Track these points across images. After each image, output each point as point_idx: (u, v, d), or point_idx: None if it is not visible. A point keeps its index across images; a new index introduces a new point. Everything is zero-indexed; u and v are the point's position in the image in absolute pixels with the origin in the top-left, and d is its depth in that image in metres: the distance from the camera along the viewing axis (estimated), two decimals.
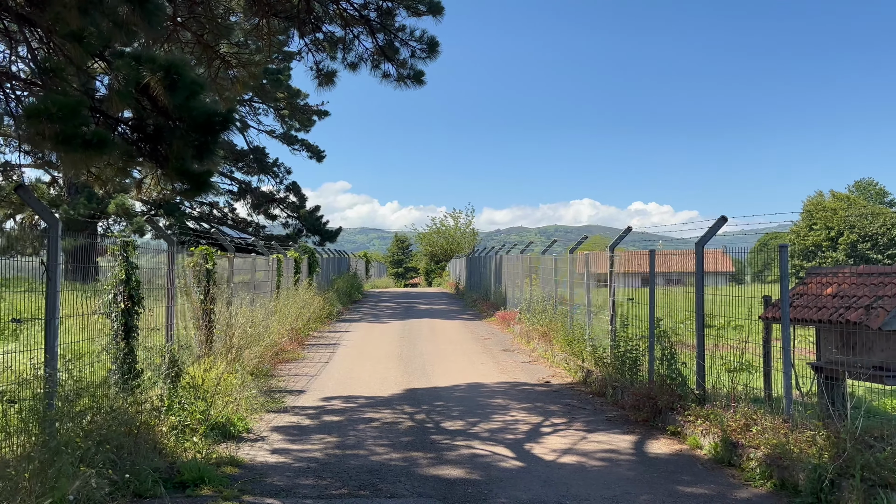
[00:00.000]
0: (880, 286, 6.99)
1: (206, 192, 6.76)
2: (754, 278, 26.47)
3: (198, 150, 6.18)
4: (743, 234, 9.65)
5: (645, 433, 8.09)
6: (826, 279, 7.82)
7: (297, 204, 33.43)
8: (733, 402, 7.42)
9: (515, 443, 7.70)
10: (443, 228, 61.14)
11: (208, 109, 6.05)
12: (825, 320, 7.11)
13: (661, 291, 12.18)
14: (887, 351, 6.92)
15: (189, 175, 6.46)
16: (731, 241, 9.52)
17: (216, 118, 6.03)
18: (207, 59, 10.39)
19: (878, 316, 6.59)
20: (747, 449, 6.69)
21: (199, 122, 5.99)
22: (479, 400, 10.00)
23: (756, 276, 27.51)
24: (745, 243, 10.15)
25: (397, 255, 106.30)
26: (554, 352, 13.54)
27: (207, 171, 6.62)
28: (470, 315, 24.07)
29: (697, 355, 8.35)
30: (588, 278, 12.90)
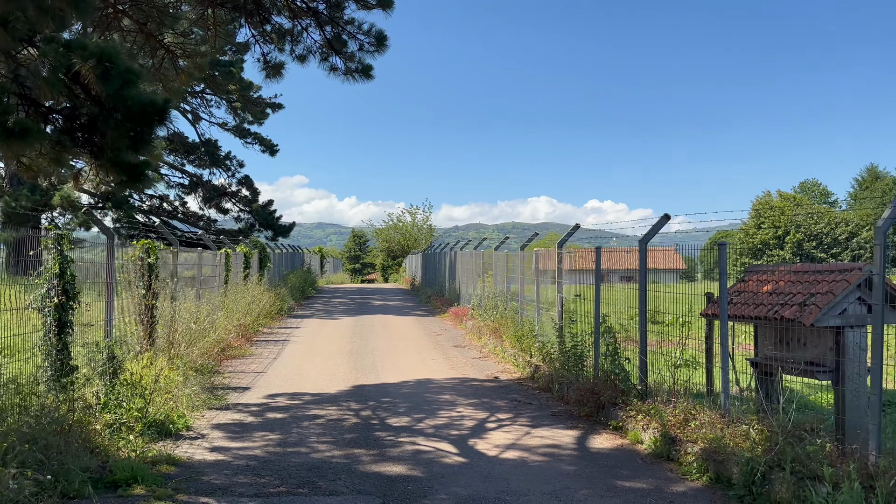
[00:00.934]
0: (814, 284, 7.17)
1: (143, 183, 6.59)
2: (705, 276, 26.99)
3: (133, 140, 6.02)
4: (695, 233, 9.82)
5: (588, 428, 8.17)
6: (764, 277, 7.99)
7: (249, 198, 32.93)
8: (674, 397, 7.54)
9: (460, 439, 7.70)
10: (400, 224, 60.97)
11: (144, 99, 5.89)
12: (762, 317, 7.26)
13: (609, 288, 12.33)
14: (819, 347, 7.10)
15: (125, 166, 6.28)
16: (683, 238, 9.64)
17: (152, 108, 5.87)
18: (151, 49, 10.13)
19: (810, 313, 6.74)
20: (685, 443, 6.80)
21: (133, 112, 5.82)
22: (427, 396, 9.98)
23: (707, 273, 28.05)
24: (698, 241, 10.33)
25: (354, 251, 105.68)
26: (504, 348, 13.60)
27: (145, 163, 6.45)
28: (424, 311, 24.04)
29: (640, 351, 8.47)
30: (538, 275, 12.98)
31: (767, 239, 60.33)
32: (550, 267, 12.66)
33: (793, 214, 58.26)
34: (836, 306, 6.77)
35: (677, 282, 22.79)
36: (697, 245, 10.06)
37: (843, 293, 6.77)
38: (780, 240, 59.38)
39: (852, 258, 56.48)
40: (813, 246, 57.48)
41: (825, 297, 6.85)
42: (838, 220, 58.05)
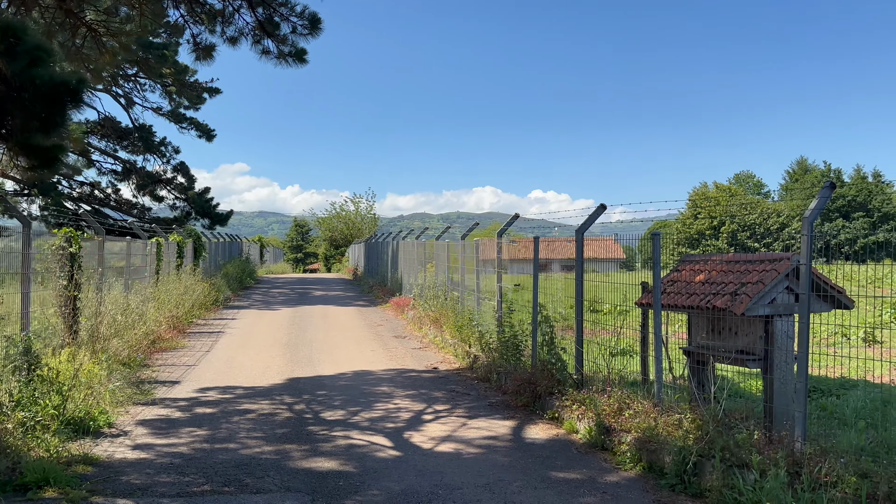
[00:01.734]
0: (745, 273, 7.26)
1: (56, 168, 6.21)
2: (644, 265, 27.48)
3: (44, 123, 5.65)
4: (635, 223, 9.91)
5: (524, 418, 8.13)
6: (698, 266, 8.07)
7: (185, 185, 31.97)
8: (608, 386, 7.55)
9: (395, 432, 7.56)
10: (343, 213, 60.31)
11: (55, 79, 5.52)
12: (695, 306, 7.33)
13: (548, 277, 12.35)
14: (750, 335, 7.20)
15: (37, 150, 5.91)
16: (623, 229, 9.70)
17: (64, 88, 5.52)
18: (72, 27, 9.62)
19: (741, 302, 6.83)
20: (619, 433, 6.82)
21: (43, 92, 5.46)
22: (364, 388, 9.81)
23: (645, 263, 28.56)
24: (637, 231, 10.41)
25: (296, 241, 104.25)
26: (444, 338, 13.51)
27: (58, 147, 6.08)
28: (365, 301, 23.79)
29: (576, 341, 8.47)
30: (478, 264, 12.91)
31: (703, 229, 61.88)
32: (492, 256, 12.61)
33: (728, 205, 59.91)
34: (766, 295, 6.87)
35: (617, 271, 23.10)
36: (637, 235, 10.13)
37: (772, 283, 6.86)
38: (716, 230, 60.98)
39: (784, 248, 58.43)
40: (747, 236, 59.22)
41: (755, 287, 6.94)
42: (770, 210, 59.94)
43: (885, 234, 55.35)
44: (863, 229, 55.73)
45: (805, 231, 5.79)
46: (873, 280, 26.74)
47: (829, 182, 5.91)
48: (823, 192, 5.90)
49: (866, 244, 54.37)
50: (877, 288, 26.67)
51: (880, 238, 55.02)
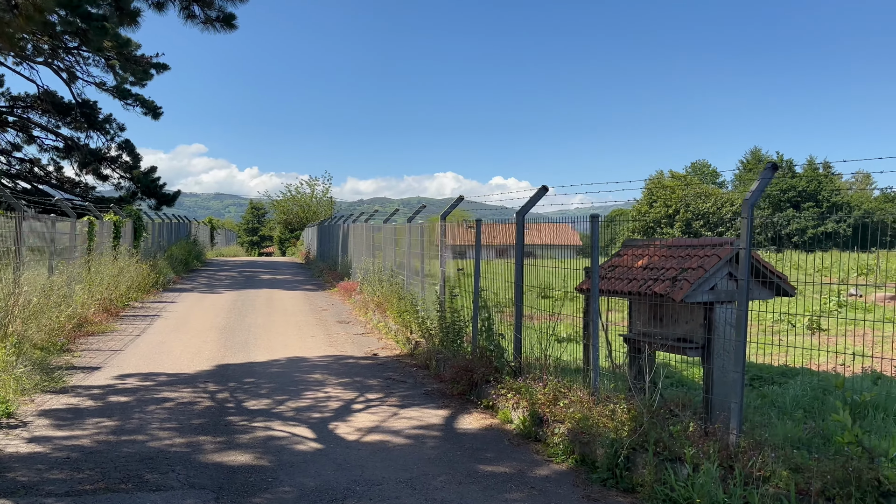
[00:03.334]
0: (686, 258, 7.00)
1: None
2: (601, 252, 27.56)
3: None
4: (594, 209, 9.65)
5: (459, 407, 7.80)
6: (639, 251, 7.80)
7: (130, 164, 30.84)
8: (545, 374, 7.26)
9: (320, 422, 7.15)
10: (298, 196, 59.30)
11: None
12: (635, 292, 7.05)
13: (495, 262, 12.02)
14: (691, 323, 6.96)
15: None
16: (582, 214, 9.47)
17: None
18: None
19: (681, 288, 6.56)
20: (553, 423, 6.52)
21: None
22: (296, 375, 9.36)
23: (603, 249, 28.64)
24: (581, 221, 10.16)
25: (252, 223, 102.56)
26: (388, 323, 13.11)
27: None
28: (314, 285, 23.24)
29: (515, 328, 8.15)
30: (423, 248, 12.52)
31: (659, 217, 62.47)
32: (448, 241, 12.23)
33: (683, 194, 60.57)
34: (707, 281, 6.62)
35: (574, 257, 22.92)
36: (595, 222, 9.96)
37: (713, 268, 6.61)
38: (671, 218, 61.61)
39: (737, 236, 59.41)
40: (700, 224, 59.95)
41: (696, 273, 6.68)
42: (724, 199, 60.76)
43: (834, 225, 56.57)
44: (812, 219, 56.86)
45: (745, 214, 5.52)
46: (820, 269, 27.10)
47: (771, 163, 5.65)
48: (765, 174, 5.65)
49: (815, 234, 55.53)
50: (823, 277, 27.09)
51: (829, 228, 56.22)
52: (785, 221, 60.00)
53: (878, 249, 32.28)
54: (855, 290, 22.06)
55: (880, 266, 27.97)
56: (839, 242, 50.37)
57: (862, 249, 27.79)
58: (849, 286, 23.14)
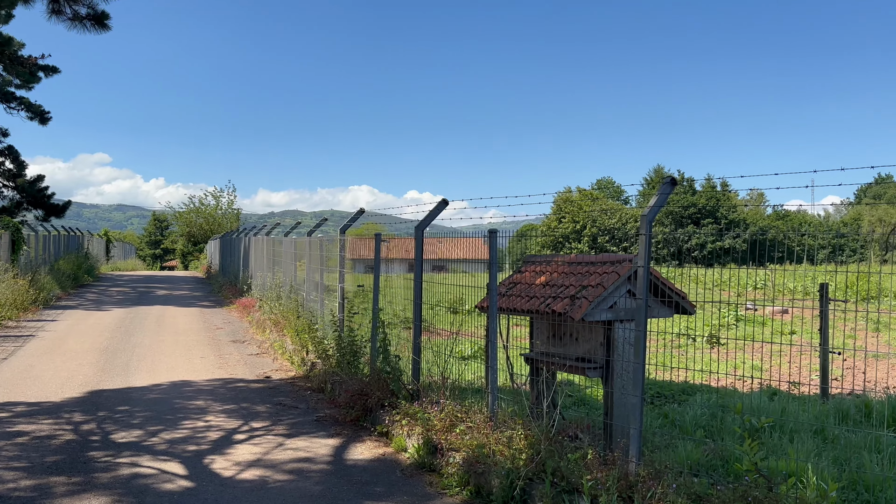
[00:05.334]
0: (586, 276, 6.77)
1: None
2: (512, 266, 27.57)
3: None
4: (506, 224, 9.45)
5: (352, 435, 7.29)
6: (540, 268, 7.54)
7: (13, 172, 28.73)
8: (442, 397, 6.86)
9: (195, 456, 6.49)
10: (203, 207, 57.10)
11: None
12: (534, 310, 6.77)
13: (398, 277, 11.59)
14: (591, 342, 6.72)
15: None
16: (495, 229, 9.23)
17: None
18: None
19: (580, 307, 6.31)
20: (449, 452, 6.11)
21: None
22: (176, 402, 8.61)
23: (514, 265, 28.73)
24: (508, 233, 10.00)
25: (155, 236, 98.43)
26: (284, 343, 12.44)
27: None
28: (211, 302, 22.14)
29: (413, 347, 7.73)
30: (322, 263, 11.95)
31: (567, 232, 63.69)
32: (352, 255, 11.69)
33: (590, 210, 62.00)
34: (607, 299, 6.39)
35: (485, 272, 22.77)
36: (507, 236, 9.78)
37: (612, 286, 6.39)
38: (579, 233, 62.93)
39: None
40: (606, 240, 61.50)
41: (595, 290, 6.45)
42: (629, 216, 62.55)
43: (731, 241, 59.12)
44: (711, 235, 59.26)
45: (643, 230, 5.30)
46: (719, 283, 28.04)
47: (670, 178, 5.47)
48: (664, 189, 5.46)
49: (714, 249, 57.86)
50: (721, 290, 28.06)
51: (726, 244, 58.70)
52: (686, 237, 62.29)
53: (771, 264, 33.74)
54: (752, 304, 22.86)
55: (773, 281, 29.20)
56: (736, 258, 52.64)
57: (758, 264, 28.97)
58: (746, 300, 23.98)
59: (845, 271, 13.54)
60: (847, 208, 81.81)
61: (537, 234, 61.98)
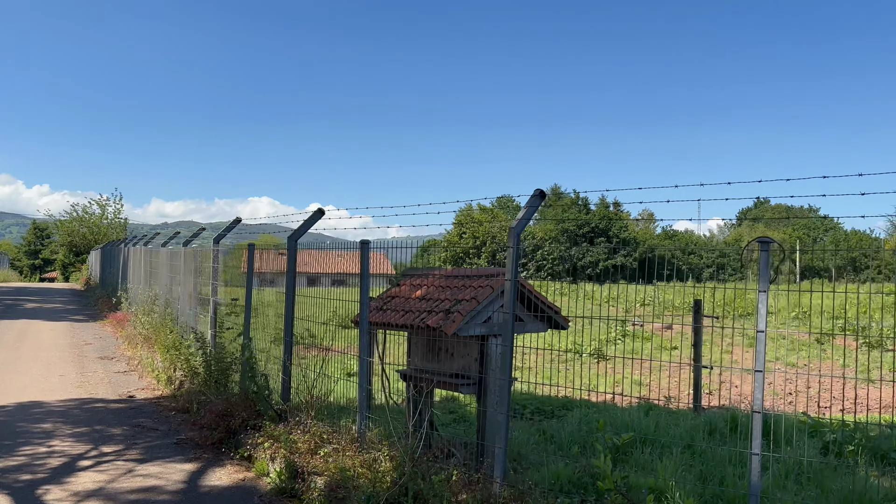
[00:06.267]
0: (462, 289, 6.59)
1: None
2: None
3: None
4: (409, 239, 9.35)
5: (212, 459, 6.78)
6: (418, 281, 7.31)
7: None
8: (309, 418, 6.48)
9: (27, 487, 5.83)
10: (87, 216, 53.96)
11: None
12: (408, 325, 6.52)
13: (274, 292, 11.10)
14: (466, 358, 6.53)
15: None
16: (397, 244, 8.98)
17: None
18: None
19: (453, 321, 6.10)
20: (311, 476, 5.74)
21: None
22: (20, 425, 7.82)
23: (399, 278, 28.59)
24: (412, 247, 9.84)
25: (34, 245, 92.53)
26: (154, 360, 11.66)
27: None
28: (85, 315, 20.74)
29: (283, 366, 7.31)
30: (196, 275, 11.30)
31: (468, 248, 64.24)
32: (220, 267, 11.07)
33: (490, 226, 62.82)
34: (481, 313, 6.22)
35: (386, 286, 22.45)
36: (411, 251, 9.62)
37: (486, 300, 6.23)
38: (479, 249, 63.61)
39: (536, 268, 62.42)
40: (505, 256, 62.47)
41: (469, 304, 6.27)
42: (527, 233, 63.76)
43: (622, 258, 61.25)
44: (603, 253, 61.21)
45: (511, 243, 5.16)
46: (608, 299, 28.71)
47: (539, 190, 5.36)
48: (532, 202, 5.34)
49: (606, 266, 59.76)
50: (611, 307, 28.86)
51: (618, 261, 60.76)
52: (581, 254, 64.06)
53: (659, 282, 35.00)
54: (638, 319, 23.57)
55: (658, 297, 30.31)
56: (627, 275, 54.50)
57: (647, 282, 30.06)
58: (634, 316, 24.73)
59: (723, 288, 14.04)
60: (730, 229, 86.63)
61: (439, 248, 62.30)
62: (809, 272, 64.63)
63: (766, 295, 4.24)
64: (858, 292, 18.26)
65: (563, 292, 34.83)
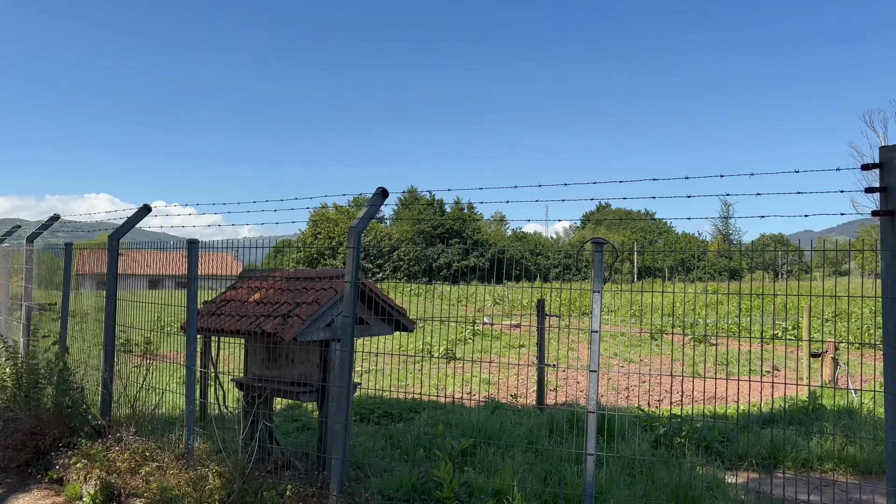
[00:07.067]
0: (303, 292, 6.28)
1: None
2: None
3: None
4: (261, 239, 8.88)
5: (16, 484, 6.03)
6: (256, 283, 6.91)
7: None
8: (131, 434, 5.91)
9: None
10: None
11: None
12: (243, 331, 6.12)
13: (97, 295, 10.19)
14: (307, 364, 6.23)
15: None
16: (249, 244, 8.39)
17: None
18: None
19: (292, 326, 5.79)
20: (129, 498, 5.22)
21: None
22: None
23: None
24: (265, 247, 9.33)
25: None
26: None
27: None
28: None
29: (103, 378, 6.65)
30: (8, 278, 10.15)
31: (323, 249, 63.20)
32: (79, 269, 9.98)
33: (346, 226, 62.20)
34: (323, 317, 5.96)
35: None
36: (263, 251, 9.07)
37: (329, 302, 5.97)
38: (334, 250, 62.75)
39: (393, 269, 62.50)
40: (362, 257, 62.02)
41: (310, 308, 5.98)
42: (384, 234, 63.75)
43: (475, 259, 62.65)
44: (457, 254, 62.33)
45: (352, 243, 4.94)
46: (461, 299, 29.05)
47: (381, 189, 5.18)
48: (374, 200, 5.16)
49: (460, 267, 60.89)
50: (462, 306, 29.37)
51: (471, 262, 62.08)
52: (436, 255, 64.86)
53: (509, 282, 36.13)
54: (489, 319, 24.10)
55: (509, 297, 31.18)
56: (480, 275, 55.79)
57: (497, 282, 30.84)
58: (484, 315, 25.26)
59: (568, 288, 14.53)
60: (575, 231, 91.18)
61: (293, 249, 60.75)
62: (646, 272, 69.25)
63: (600, 295, 4.29)
64: (685, 291, 19.64)
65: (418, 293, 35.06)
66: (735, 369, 13.44)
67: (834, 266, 20.55)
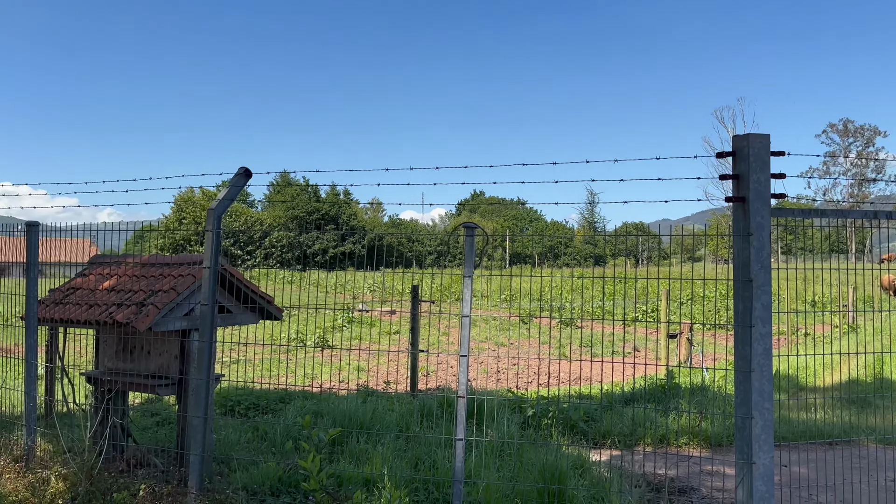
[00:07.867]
0: (160, 279, 5.89)
1: None
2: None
3: None
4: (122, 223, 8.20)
5: None
6: (108, 270, 6.42)
7: None
8: None
9: None
10: None
11: None
12: (93, 321, 5.66)
13: None
14: (165, 356, 5.85)
15: None
16: (104, 227, 7.67)
17: None
18: None
19: (147, 315, 5.41)
20: None
21: None
22: None
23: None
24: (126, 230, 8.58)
25: None
26: None
27: None
28: None
29: None
30: None
31: (189, 235, 60.47)
32: None
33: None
34: (181, 306, 5.61)
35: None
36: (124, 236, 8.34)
37: (188, 290, 5.63)
38: (201, 236, 60.24)
39: (265, 256, 60.81)
40: (231, 243, 59.86)
41: (168, 296, 5.61)
42: (255, 219, 61.81)
43: (352, 246, 62.09)
44: (333, 240, 61.51)
45: (210, 226, 4.65)
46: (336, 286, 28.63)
47: (244, 169, 4.91)
48: (236, 181, 4.88)
49: (336, 254, 60.15)
50: (339, 294, 29.02)
51: (347, 249, 61.49)
52: (310, 242, 63.70)
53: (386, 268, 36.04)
54: (363, 305, 23.92)
55: (385, 284, 31.14)
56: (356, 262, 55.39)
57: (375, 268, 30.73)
58: (361, 302, 25.05)
59: (440, 274, 14.62)
60: (450, 219, 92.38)
61: (157, 235, 57.64)
62: (517, 259, 71.28)
63: (471, 280, 4.28)
64: (552, 276, 20.32)
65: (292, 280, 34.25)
66: (599, 351, 14.04)
67: (689, 253, 21.95)
